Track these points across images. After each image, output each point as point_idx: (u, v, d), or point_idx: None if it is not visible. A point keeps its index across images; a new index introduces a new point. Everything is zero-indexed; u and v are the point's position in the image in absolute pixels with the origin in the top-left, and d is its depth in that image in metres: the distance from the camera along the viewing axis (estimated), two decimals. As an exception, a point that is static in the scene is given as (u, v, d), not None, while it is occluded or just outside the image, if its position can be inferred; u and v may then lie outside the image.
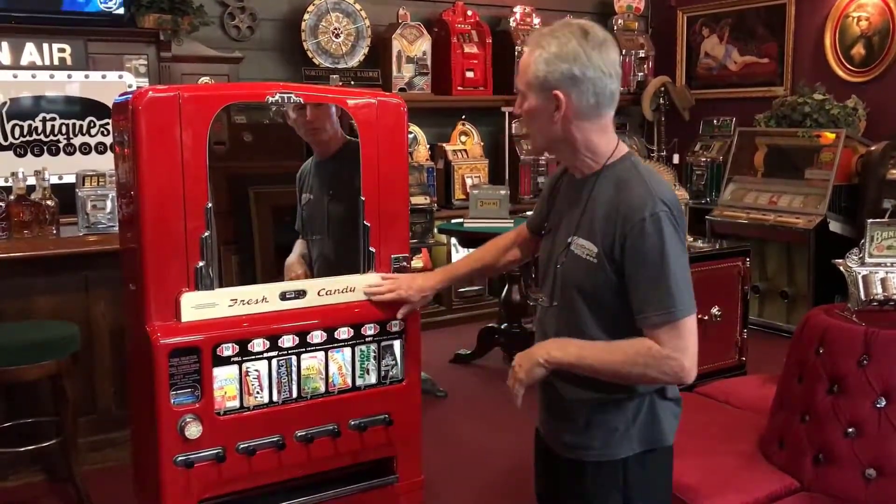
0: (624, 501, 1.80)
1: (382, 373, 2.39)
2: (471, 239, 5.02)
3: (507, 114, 6.21)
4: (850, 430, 2.31)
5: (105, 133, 4.50)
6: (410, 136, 5.85)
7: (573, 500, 1.88)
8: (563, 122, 1.71)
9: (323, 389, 2.31)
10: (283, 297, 2.27)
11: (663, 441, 1.81)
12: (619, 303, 1.71)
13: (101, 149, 4.50)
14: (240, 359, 2.17)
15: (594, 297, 1.73)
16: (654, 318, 1.66)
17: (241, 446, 2.18)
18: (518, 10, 6.45)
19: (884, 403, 2.28)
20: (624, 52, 6.87)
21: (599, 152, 1.76)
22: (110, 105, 2.43)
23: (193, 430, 2.10)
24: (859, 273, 2.47)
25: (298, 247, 2.96)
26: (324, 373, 2.30)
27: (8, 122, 4.30)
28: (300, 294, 2.29)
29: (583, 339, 1.74)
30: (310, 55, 5.62)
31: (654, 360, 1.66)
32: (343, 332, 2.32)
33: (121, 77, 4.62)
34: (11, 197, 3.51)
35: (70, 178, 3.83)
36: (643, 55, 7.00)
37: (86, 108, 4.51)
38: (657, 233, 1.64)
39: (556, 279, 1.80)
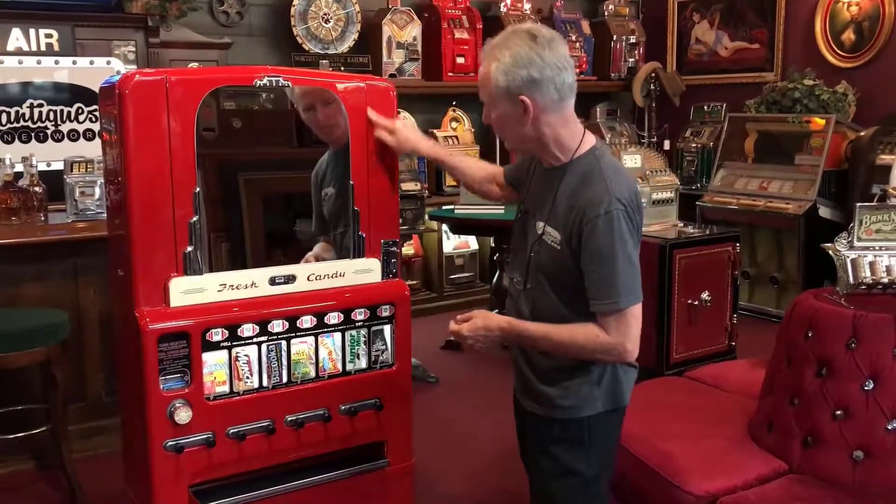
0: (583, 455, 1.97)
1: (373, 357, 2.40)
2: (462, 225, 5.02)
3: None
4: (839, 412, 2.33)
5: (93, 120, 4.47)
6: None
7: (539, 455, 2.03)
8: (533, 123, 1.85)
9: (313, 374, 2.31)
10: (273, 282, 2.26)
11: (623, 401, 1.99)
12: (578, 286, 1.86)
13: (89, 135, 4.47)
14: (229, 344, 2.17)
15: (559, 280, 1.90)
16: (601, 308, 1.83)
17: (232, 431, 2.19)
18: (508, -5, 6.42)
19: (871, 386, 2.29)
20: (615, 37, 6.86)
21: (566, 146, 1.90)
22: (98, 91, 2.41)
23: (183, 416, 2.10)
24: (848, 257, 2.47)
25: (317, 249, 2.71)
26: (314, 357, 2.30)
27: (-5, 108, 4.27)
28: (290, 279, 2.28)
29: (543, 321, 1.90)
30: (299, 41, 5.58)
31: (601, 346, 1.84)
32: (333, 317, 2.32)
33: (109, 63, 4.59)
34: (-1, 184, 3.50)
35: (58, 165, 3.81)
36: (634, 41, 6.97)
37: (74, 94, 4.47)
38: (608, 231, 1.79)
39: (530, 263, 1.95)
